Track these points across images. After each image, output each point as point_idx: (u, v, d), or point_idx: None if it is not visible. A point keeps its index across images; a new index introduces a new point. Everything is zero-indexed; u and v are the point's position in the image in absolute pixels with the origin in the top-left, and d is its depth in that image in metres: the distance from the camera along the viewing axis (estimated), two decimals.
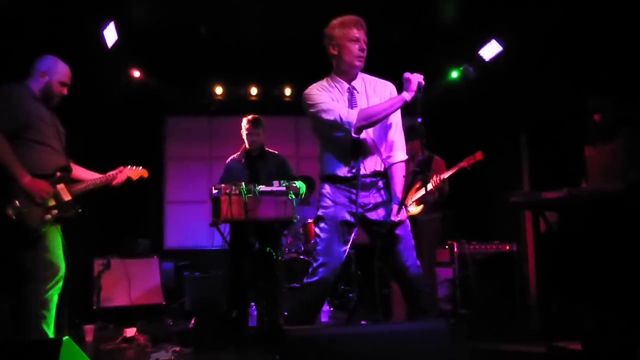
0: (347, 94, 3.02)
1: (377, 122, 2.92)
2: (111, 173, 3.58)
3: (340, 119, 2.88)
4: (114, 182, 3.56)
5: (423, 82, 2.82)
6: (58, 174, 3.22)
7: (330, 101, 2.95)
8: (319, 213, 3.02)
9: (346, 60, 2.98)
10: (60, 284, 3.16)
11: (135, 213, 6.94)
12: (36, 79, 3.28)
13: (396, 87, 3.18)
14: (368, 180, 2.98)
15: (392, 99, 2.93)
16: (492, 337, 4.48)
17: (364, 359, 2.16)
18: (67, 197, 3.22)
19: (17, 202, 3.00)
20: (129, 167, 3.66)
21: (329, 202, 2.99)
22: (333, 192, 3.00)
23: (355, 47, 2.95)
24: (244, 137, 4.69)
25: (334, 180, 3.00)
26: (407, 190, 3.00)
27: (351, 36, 2.95)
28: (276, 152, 4.83)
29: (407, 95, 2.83)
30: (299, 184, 4.41)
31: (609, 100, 3.97)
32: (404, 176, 3.09)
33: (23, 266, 3.06)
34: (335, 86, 3.03)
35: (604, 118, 3.95)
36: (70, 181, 3.32)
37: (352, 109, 2.93)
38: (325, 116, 2.91)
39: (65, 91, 3.37)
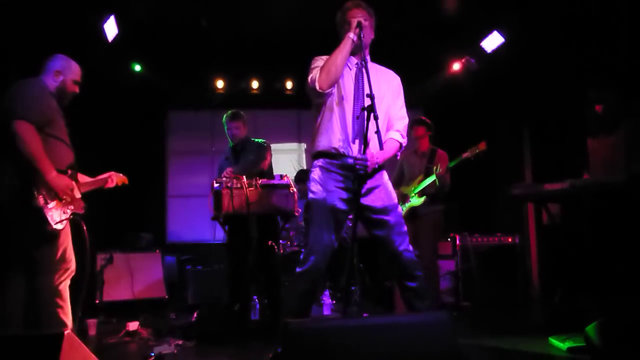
0: (355, 68, 3.06)
1: (336, 71, 2.92)
2: (103, 177, 3.65)
3: (311, 80, 2.97)
4: (106, 186, 3.67)
5: (361, 20, 2.96)
6: (69, 171, 3.24)
7: (319, 67, 3.00)
8: (309, 199, 3.03)
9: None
10: (70, 276, 3.23)
11: (137, 207, 6.94)
12: (50, 78, 3.29)
13: (401, 79, 3.20)
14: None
15: (341, 43, 2.96)
16: (494, 329, 4.48)
17: (365, 351, 2.16)
18: (77, 194, 3.26)
19: (43, 197, 3.01)
20: (114, 173, 3.74)
21: (318, 188, 2.99)
22: (324, 178, 2.99)
23: (359, 25, 2.99)
24: (226, 132, 4.68)
25: (327, 156, 3.00)
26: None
27: (350, 18, 3.02)
28: (261, 140, 4.75)
29: (351, 35, 2.94)
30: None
31: (610, 91, 3.94)
32: (394, 155, 3.13)
33: (38, 259, 3.08)
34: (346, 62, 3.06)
35: (605, 109, 3.92)
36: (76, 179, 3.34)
37: (358, 82, 2.98)
38: (308, 80, 3.01)
39: (77, 89, 3.42)
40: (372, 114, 2.68)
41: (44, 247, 3.09)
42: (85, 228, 3.24)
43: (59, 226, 3.08)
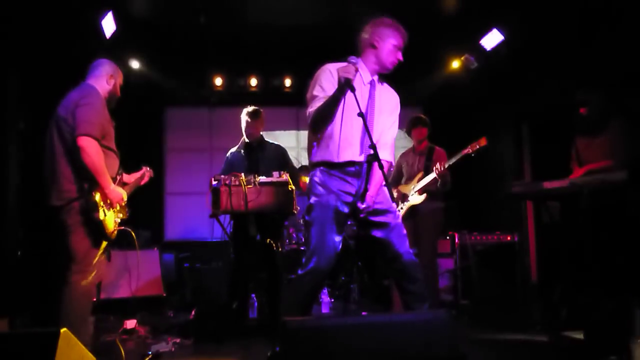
0: (369, 85, 3.02)
1: (327, 122, 2.89)
2: (140, 175, 3.78)
3: (308, 116, 2.96)
4: (142, 183, 3.81)
5: (348, 75, 2.72)
6: (118, 177, 3.37)
7: (322, 93, 2.91)
8: (311, 201, 2.99)
9: (383, 59, 3.00)
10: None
11: (135, 204, 6.89)
12: (103, 82, 3.33)
13: (398, 93, 3.19)
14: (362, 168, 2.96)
15: (333, 94, 2.83)
16: (493, 327, 4.47)
17: (364, 349, 2.15)
18: (125, 200, 3.40)
19: (103, 209, 3.12)
20: (146, 167, 3.87)
21: (321, 190, 2.96)
22: (325, 179, 2.96)
23: (396, 55, 3.01)
24: (243, 128, 4.65)
25: (328, 166, 2.97)
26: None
27: (396, 42, 3.02)
28: (276, 142, 4.79)
29: (336, 93, 2.80)
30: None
31: (596, 93, 3.96)
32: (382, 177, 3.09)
33: (79, 260, 3.16)
34: (362, 74, 3.00)
35: (590, 111, 3.95)
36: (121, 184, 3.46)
37: (369, 100, 2.96)
38: (309, 106, 2.97)
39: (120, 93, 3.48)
40: (376, 150, 2.70)
41: (90, 252, 3.19)
42: (134, 235, 3.44)
43: (113, 236, 3.25)
